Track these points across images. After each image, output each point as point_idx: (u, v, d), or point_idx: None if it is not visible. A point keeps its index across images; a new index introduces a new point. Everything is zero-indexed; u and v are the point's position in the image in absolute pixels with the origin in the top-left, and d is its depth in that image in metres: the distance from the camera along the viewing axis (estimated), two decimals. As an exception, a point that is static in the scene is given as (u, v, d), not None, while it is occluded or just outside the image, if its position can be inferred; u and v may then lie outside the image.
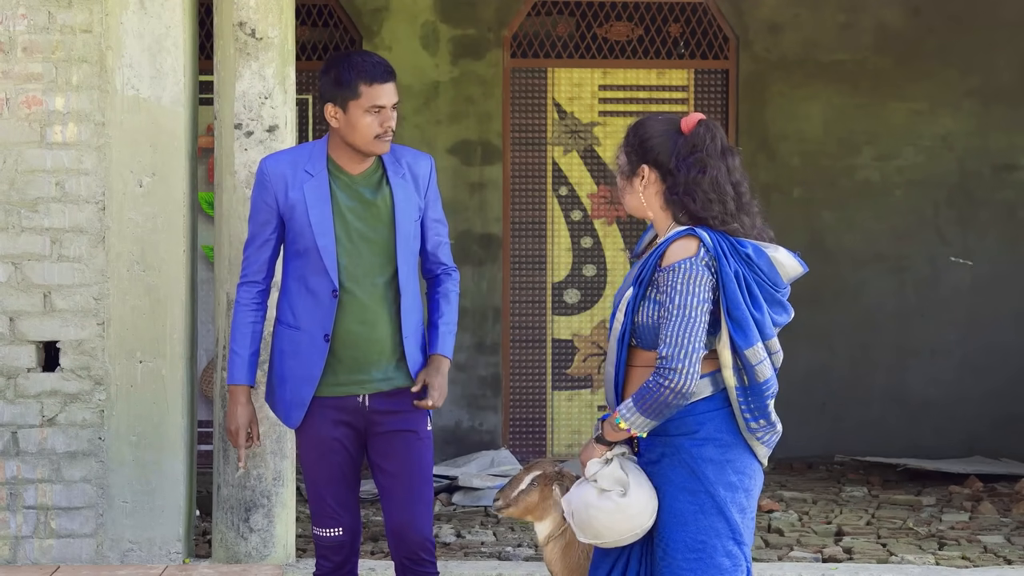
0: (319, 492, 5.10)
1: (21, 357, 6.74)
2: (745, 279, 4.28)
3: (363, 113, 4.95)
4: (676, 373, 4.19)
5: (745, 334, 4.25)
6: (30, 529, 6.74)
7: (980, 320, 10.44)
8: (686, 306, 4.22)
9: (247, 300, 5.12)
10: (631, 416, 4.26)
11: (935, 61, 10.42)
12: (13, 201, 6.73)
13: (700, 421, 4.31)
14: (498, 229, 10.31)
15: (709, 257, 4.26)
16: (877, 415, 10.40)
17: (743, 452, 4.34)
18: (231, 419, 5.12)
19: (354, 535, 5.13)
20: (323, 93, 5.02)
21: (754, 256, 4.32)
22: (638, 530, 4.33)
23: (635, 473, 4.34)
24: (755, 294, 4.29)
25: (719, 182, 4.35)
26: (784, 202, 10.41)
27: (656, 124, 4.42)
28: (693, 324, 4.21)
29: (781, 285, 4.36)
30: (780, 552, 7.55)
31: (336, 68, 4.99)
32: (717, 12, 10.40)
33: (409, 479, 5.05)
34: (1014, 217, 10.48)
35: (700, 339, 4.22)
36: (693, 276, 4.23)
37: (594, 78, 10.41)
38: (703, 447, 4.31)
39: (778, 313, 4.36)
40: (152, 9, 6.72)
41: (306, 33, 10.20)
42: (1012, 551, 7.59)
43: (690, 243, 4.27)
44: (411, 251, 5.06)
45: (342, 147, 5.03)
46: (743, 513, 4.34)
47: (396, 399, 5.06)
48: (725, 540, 4.31)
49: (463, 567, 6.90)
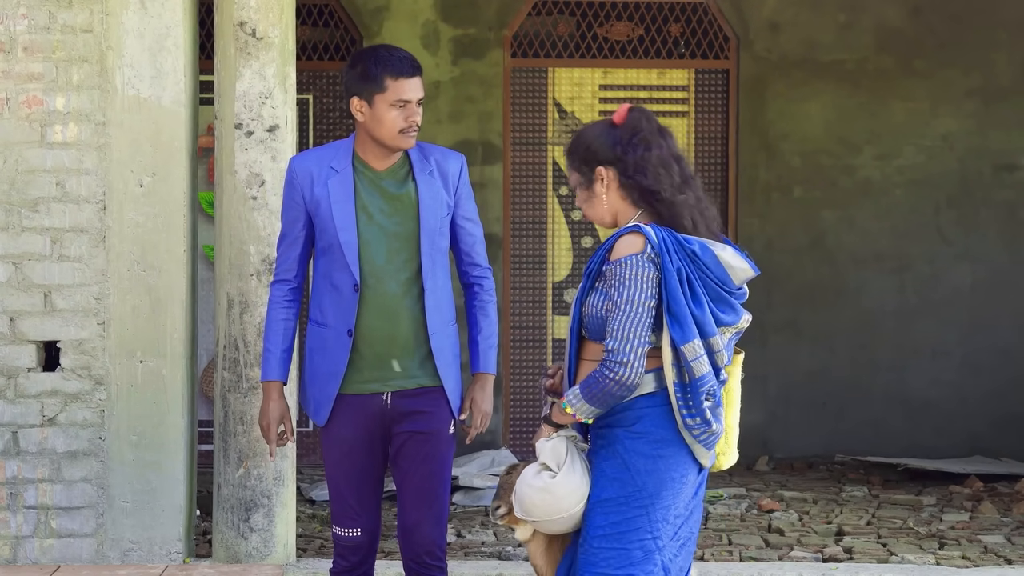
0: (340, 491, 5.08)
1: (21, 357, 6.74)
2: (688, 276, 4.36)
3: (388, 107, 4.95)
4: (621, 366, 4.31)
5: (683, 330, 4.32)
6: (30, 529, 6.74)
7: (980, 320, 10.44)
8: (632, 301, 4.31)
9: (279, 298, 5.11)
10: (576, 402, 4.39)
11: (935, 61, 10.42)
12: (13, 201, 6.74)
13: (638, 415, 4.40)
14: (498, 229, 10.31)
15: (654, 253, 4.34)
16: (877, 415, 10.39)
17: (678, 451, 4.40)
18: (263, 415, 5.11)
19: (372, 536, 5.12)
20: (349, 87, 5.01)
21: (699, 253, 4.39)
22: (564, 513, 4.44)
23: (574, 458, 4.46)
24: (696, 291, 4.36)
25: (664, 158, 4.47)
26: (784, 202, 10.41)
27: (591, 129, 4.56)
28: (638, 319, 4.31)
29: (731, 285, 4.44)
30: (780, 552, 7.55)
31: (363, 62, 4.99)
32: (717, 12, 10.40)
33: (424, 481, 5.04)
34: (1014, 217, 10.48)
35: (645, 333, 4.31)
36: (639, 272, 4.32)
37: (595, 78, 10.41)
38: (637, 441, 4.40)
39: (725, 312, 4.42)
40: (153, 9, 6.72)
41: (306, 33, 10.20)
42: (1012, 551, 7.59)
43: (636, 239, 4.36)
44: (437, 247, 5.03)
45: (368, 143, 5.02)
46: (666, 511, 4.39)
47: (420, 398, 5.05)
48: (643, 534, 4.38)
49: (463, 567, 6.90)
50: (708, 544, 7.70)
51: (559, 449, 4.49)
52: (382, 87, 4.94)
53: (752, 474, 9.87)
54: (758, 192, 10.42)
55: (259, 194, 6.70)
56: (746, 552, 7.56)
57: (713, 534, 7.97)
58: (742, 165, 10.40)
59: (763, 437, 10.28)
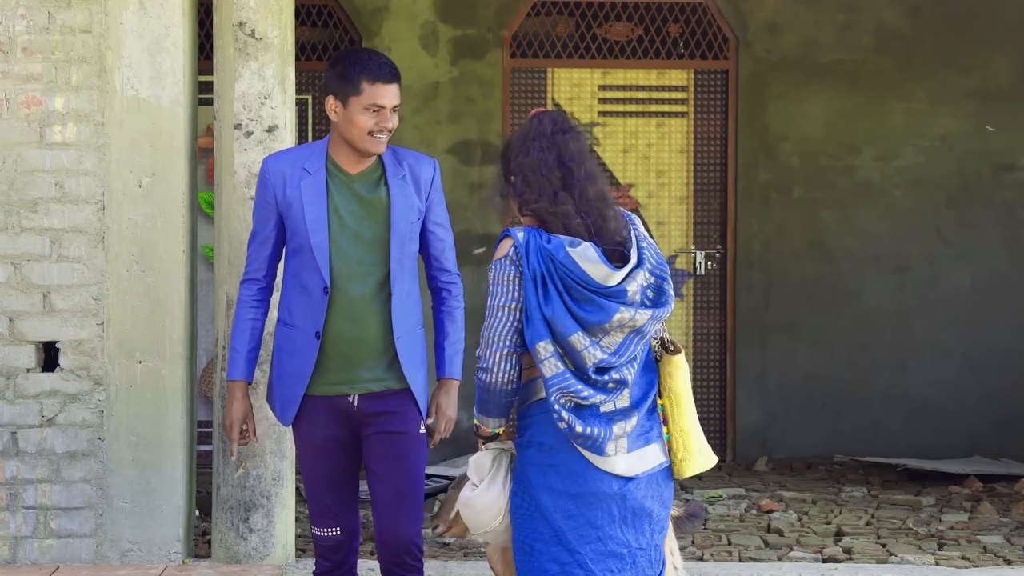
0: (316, 492, 5.11)
1: (21, 357, 6.74)
2: (544, 275, 4.34)
3: (362, 110, 4.98)
4: (485, 372, 4.37)
5: (532, 330, 4.32)
6: (29, 529, 6.74)
7: (980, 320, 10.43)
8: (493, 306, 4.37)
9: (247, 297, 5.15)
10: (478, 414, 4.47)
11: (935, 61, 10.42)
12: (13, 201, 6.74)
13: (526, 424, 4.42)
14: (498, 229, 10.30)
15: (517, 256, 4.36)
16: (877, 415, 10.39)
17: (571, 457, 4.36)
18: (227, 414, 5.15)
19: (351, 534, 5.14)
20: (327, 86, 5.05)
21: (555, 252, 4.36)
22: (486, 527, 4.51)
23: (498, 472, 4.50)
24: (550, 290, 4.34)
25: (540, 163, 4.41)
26: (784, 202, 10.41)
27: (513, 136, 4.54)
28: (499, 323, 4.35)
29: (594, 284, 4.36)
30: (780, 552, 7.55)
31: (342, 63, 5.03)
32: (717, 12, 10.40)
33: (396, 482, 5.04)
34: (1014, 217, 10.48)
35: (507, 336, 4.34)
36: (501, 275, 4.37)
37: (594, 78, 10.41)
38: (527, 450, 4.41)
39: (588, 312, 4.35)
40: (152, 9, 6.72)
41: (306, 33, 10.20)
42: (1012, 551, 7.59)
43: (505, 243, 4.41)
44: (406, 252, 5.06)
45: (341, 145, 5.05)
46: (572, 519, 4.34)
47: (387, 400, 5.05)
48: (551, 545, 4.35)
49: (463, 567, 6.90)
50: (707, 544, 7.70)
51: (482, 463, 4.53)
52: (358, 89, 4.98)
53: (751, 474, 9.87)
54: (757, 192, 10.42)
55: (258, 194, 6.69)
56: (745, 552, 7.56)
57: (712, 534, 7.97)
58: (741, 165, 10.40)
59: (762, 437, 10.28)
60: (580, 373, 4.33)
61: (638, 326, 4.38)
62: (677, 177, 10.40)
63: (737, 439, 10.30)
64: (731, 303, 10.42)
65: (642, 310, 4.38)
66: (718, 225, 10.48)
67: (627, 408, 4.38)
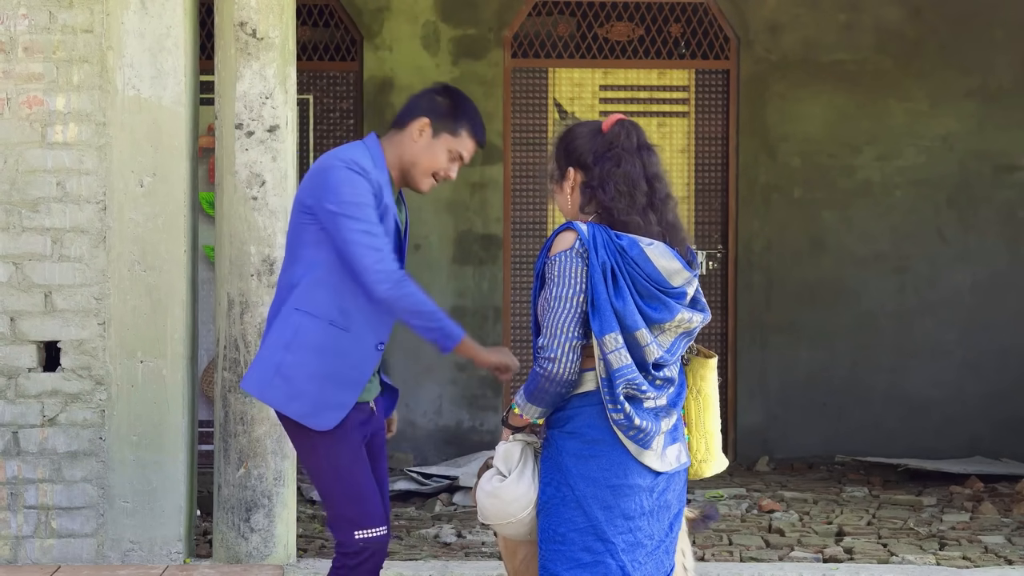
0: (364, 493, 5.01)
1: (22, 357, 6.74)
2: (613, 270, 4.39)
3: (446, 150, 5.01)
4: (550, 362, 4.36)
5: (601, 321, 4.35)
6: (31, 529, 6.74)
7: (980, 320, 10.44)
8: (561, 297, 4.37)
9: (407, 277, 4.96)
10: (522, 403, 4.45)
11: (935, 61, 10.43)
12: (14, 201, 6.74)
13: (570, 415, 4.44)
14: (499, 229, 10.31)
15: (583, 248, 4.39)
16: (877, 415, 10.40)
17: (613, 449, 4.41)
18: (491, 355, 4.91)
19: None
20: (428, 109, 5.01)
21: (627, 248, 4.41)
22: (512, 519, 4.50)
23: (526, 463, 4.51)
24: (621, 285, 4.39)
25: (631, 176, 4.48)
26: (784, 202, 10.41)
27: (580, 128, 4.60)
28: (567, 314, 4.36)
29: (663, 283, 4.42)
30: (781, 552, 7.55)
31: (457, 100, 5.03)
32: (718, 12, 10.40)
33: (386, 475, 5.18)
34: (1014, 217, 10.48)
35: (574, 328, 4.36)
36: (567, 267, 4.39)
37: (595, 78, 10.42)
38: (568, 441, 4.43)
39: (656, 309, 4.41)
40: (153, 9, 6.73)
41: (307, 33, 10.20)
42: (1013, 551, 7.59)
43: (568, 236, 4.43)
44: None
45: (396, 164, 5.03)
46: (608, 510, 4.39)
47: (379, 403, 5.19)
48: (585, 535, 4.40)
49: (463, 567, 6.90)
50: (708, 544, 7.71)
51: (511, 453, 4.54)
52: (456, 132, 5.00)
53: (752, 474, 9.87)
54: (758, 193, 10.42)
55: (259, 194, 6.70)
56: (746, 552, 7.56)
57: (713, 534, 7.97)
58: (742, 165, 10.41)
59: (763, 437, 10.28)
60: (640, 367, 4.40)
61: (691, 328, 4.50)
62: (678, 177, 10.40)
63: (738, 439, 10.31)
64: (732, 303, 10.43)
65: (697, 313, 4.50)
66: (719, 225, 10.49)
67: (666, 406, 4.48)
